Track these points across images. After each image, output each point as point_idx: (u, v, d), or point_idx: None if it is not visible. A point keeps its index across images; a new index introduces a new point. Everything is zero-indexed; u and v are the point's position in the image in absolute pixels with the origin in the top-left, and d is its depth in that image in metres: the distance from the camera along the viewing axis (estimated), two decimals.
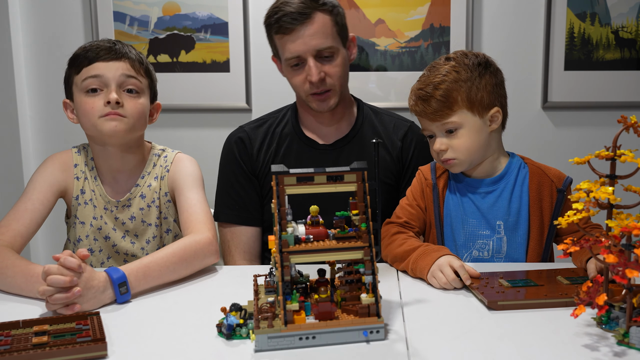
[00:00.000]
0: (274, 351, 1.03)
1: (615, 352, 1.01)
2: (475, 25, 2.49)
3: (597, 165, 1.16)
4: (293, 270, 1.15)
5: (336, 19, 1.67)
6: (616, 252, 1.03)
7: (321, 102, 1.69)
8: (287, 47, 1.64)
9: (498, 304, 1.20)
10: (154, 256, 1.37)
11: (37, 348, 1.01)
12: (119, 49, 1.54)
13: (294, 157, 1.76)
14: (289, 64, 1.68)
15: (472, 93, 1.48)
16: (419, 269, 1.39)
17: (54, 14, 2.53)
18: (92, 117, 1.51)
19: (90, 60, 1.52)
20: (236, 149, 1.79)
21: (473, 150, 1.50)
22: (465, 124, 1.48)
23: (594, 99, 2.49)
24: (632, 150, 1.11)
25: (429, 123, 1.51)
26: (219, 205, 1.81)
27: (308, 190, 1.09)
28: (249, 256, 1.78)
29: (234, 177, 1.79)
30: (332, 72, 1.66)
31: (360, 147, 1.77)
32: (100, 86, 1.51)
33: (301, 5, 1.61)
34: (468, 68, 1.49)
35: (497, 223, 1.53)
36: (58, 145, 2.58)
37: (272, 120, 1.84)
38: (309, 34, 1.61)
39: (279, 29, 1.64)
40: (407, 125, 1.84)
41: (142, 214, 1.62)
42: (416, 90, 1.51)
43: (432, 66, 1.53)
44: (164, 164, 1.65)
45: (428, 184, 1.59)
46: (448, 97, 1.46)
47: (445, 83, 1.47)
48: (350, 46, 1.76)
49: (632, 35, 2.46)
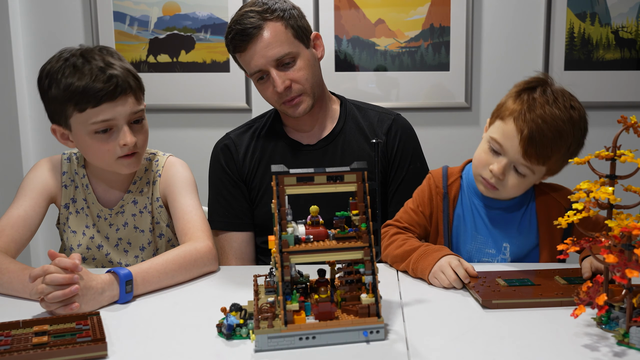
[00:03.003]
0: (274, 351, 1.03)
1: (615, 352, 1.01)
2: (475, 25, 2.49)
3: (597, 165, 1.16)
4: (293, 270, 1.15)
5: (290, 23, 1.64)
6: (616, 252, 1.03)
7: (294, 107, 1.68)
8: (247, 63, 1.66)
9: (492, 302, 1.21)
10: (153, 262, 1.37)
11: (37, 348, 1.01)
12: (120, 84, 1.43)
13: (278, 159, 1.75)
14: (254, 79, 1.69)
15: (563, 160, 1.41)
16: (420, 269, 1.38)
17: (54, 14, 2.53)
18: (108, 159, 1.48)
19: (96, 102, 1.41)
20: (222, 157, 1.79)
21: (515, 194, 1.46)
22: (535, 175, 1.42)
23: (594, 99, 2.49)
24: (632, 150, 1.11)
25: (517, 151, 1.37)
26: (211, 213, 1.81)
27: (308, 190, 1.09)
28: (241, 261, 1.79)
29: (222, 185, 1.79)
30: (297, 76, 1.65)
31: (344, 145, 1.76)
32: (110, 126, 1.45)
33: (250, 21, 1.60)
34: (581, 139, 1.41)
35: (504, 245, 1.51)
36: (58, 145, 2.57)
37: (257, 124, 1.83)
38: (262, 47, 1.61)
39: (235, 48, 1.66)
40: (392, 118, 1.80)
41: (134, 221, 1.61)
42: (535, 115, 1.35)
43: (555, 95, 1.39)
44: (155, 168, 1.63)
45: (439, 192, 1.54)
46: (554, 149, 1.36)
47: (562, 137, 1.36)
48: (316, 44, 1.74)
49: (632, 35, 2.46)
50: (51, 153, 2.55)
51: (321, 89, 1.76)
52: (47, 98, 1.47)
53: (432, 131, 2.55)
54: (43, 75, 1.46)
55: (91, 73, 1.41)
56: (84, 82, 1.40)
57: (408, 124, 1.83)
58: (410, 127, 1.83)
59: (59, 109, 1.45)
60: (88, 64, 1.42)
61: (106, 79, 1.41)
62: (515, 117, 1.37)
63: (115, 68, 1.44)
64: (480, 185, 1.47)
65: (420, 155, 1.83)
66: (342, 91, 1.82)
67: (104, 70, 1.42)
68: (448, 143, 2.54)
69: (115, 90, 1.42)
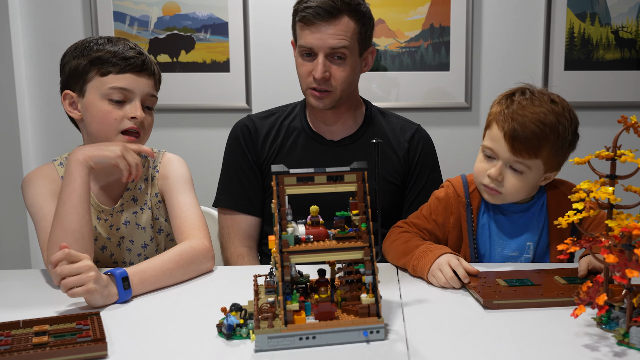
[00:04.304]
0: (274, 351, 1.03)
1: (615, 352, 1.01)
2: (475, 25, 2.49)
3: (597, 165, 1.16)
4: (293, 270, 1.15)
5: (362, 29, 1.67)
6: (616, 252, 1.03)
7: (317, 99, 1.69)
8: (304, 37, 1.66)
9: (493, 302, 1.21)
10: (151, 262, 1.37)
11: (37, 348, 1.01)
12: (148, 63, 1.51)
13: (299, 150, 1.77)
14: (301, 52, 1.69)
15: (557, 152, 1.43)
16: (420, 267, 1.39)
17: (54, 14, 2.53)
18: (111, 129, 1.48)
19: (121, 68, 1.47)
20: (241, 136, 1.80)
21: (520, 195, 1.48)
22: (532, 171, 1.43)
23: (594, 99, 2.50)
24: (632, 150, 1.11)
25: (506, 149, 1.41)
26: (221, 192, 1.81)
27: (308, 190, 1.09)
28: (247, 242, 1.78)
29: (238, 164, 1.79)
30: (337, 74, 1.67)
31: (365, 146, 1.78)
32: (125, 98, 1.48)
33: (330, 4, 1.61)
34: (568, 126, 1.42)
35: (527, 244, 1.52)
36: (58, 146, 2.59)
37: (280, 112, 1.84)
38: (328, 33, 1.63)
39: (302, 17, 1.65)
40: (414, 128, 1.84)
41: (135, 218, 1.61)
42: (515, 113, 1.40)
43: (533, 94, 1.44)
44: (152, 164, 1.64)
45: (461, 202, 1.53)
46: (541, 141, 1.39)
47: (545, 126, 1.38)
48: (367, 57, 1.76)
49: (632, 35, 2.46)
50: (51, 153, 2.56)
51: (352, 94, 1.78)
52: (69, 66, 1.51)
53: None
54: (72, 48, 1.52)
55: (124, 45, 1.51)
56: (117, 48, 1.49)
57: (428, 135, 1.87)
58: (430, 138, 1.87)
59: (80, 72, 1.49)
60: (122, 41, 1.53)
61: (137, 53, 1.51)
62: (497, 119, 1.43)
63: (145, 53, 1.55)
64: (484, 193, 1.50)
65: (438, 167, 1.87)
66: None
67: (136, 47, 1.53)
68: (448, 143, 2.54)
69: (143, 65, 1.50)
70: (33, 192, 1.51)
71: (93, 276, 1.22)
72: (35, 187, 1.52)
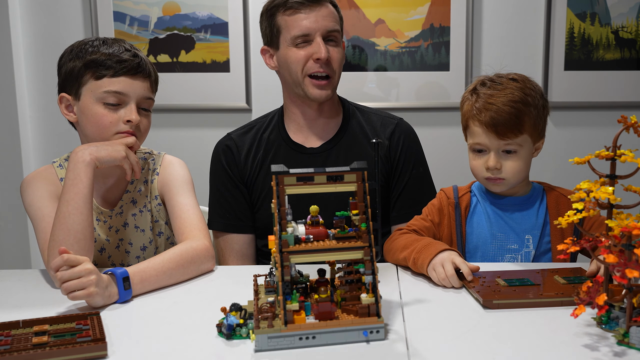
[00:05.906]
0: (274, 351, 1.03)
1: (615, 352, 1.01)
2: (475, 25, 2.49)
3: (597, 165, 1.16)
4: (293, 270, 1.15)
5: (339, 14, 1.73)
6: (616, 252, 1.03)
7: (319, 88, 1.67)
8: (299, 23, 1.65)
9: (493, 302, 1.21)
10: (151, 261, 1.37)
11: (37, 348, 1.01)
12: (143, 65, 1.50)
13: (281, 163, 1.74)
14: (293, 42, 1.67)
15: (537, 120, 1.49)
16: (421, 260, 1.39)
17: (54, 14, 2.53)
18: (107, 132, 1.48)
19: (115, 71, 1.46)
20: (223, 158, 1.78)
21: (521, 175, 1.51)
22: (523, 148, 1.49)
23: (594, 99, 2.50)
24: (632, 150, 1.11)
25: (493, 138, 1.47)
26: (212, 214, 1.81)
27: (308, 190, 1.09)
28: (242, 261, 1.78)
29: (223, 186, 1.78)
30: (335, 56, 1.68)
31: (347, 149, 1.75)
32: (120, 101, 1.48)
33: None
34: (536, 95, 1.49)
35: (526, 237, 1.54)
36: (58, 146, 2.59)
37: (259, 125, 1.82)
38: (322, 15, 1.66)
39: (289, 7, 1.66)
40: (394, 123, 1.79)
41: (135, 220, 1.60)
42: (486, 103, 1.47)
43: (494, 82, 1.50)
44: (151, 167, 1.63)
45: (450, 203, 1.58)
46: (520, 117, 1.45)
47: (518, 103, 1.45)
48: (343, 44, 1.79)
49: (632, 35, 2.46)
50: (51, 153, 2.56)
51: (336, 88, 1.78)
52: (65, 68, 1.50)
53: (432, 131, 2.55)
54: (68, 50, 1.52)
55: (119, 47, 1.50)
56: (111, 50, 1.48)
57: (411, 128, 1.83)
58: (413, 131, 1.83)
59: (76, 75, 1.48)
60: (117, 43, 1.51)
61: (132, 55, 1.50)
62: (471, 116, 1.50)
63: (141, 54, 1.53)
64: (489, 186, 1.54)
65: (423, 160, 1.83)
66: (342, 91, 1.81)
67: (131, 50, 1.51)
68: (448, 143, 2.54)
69: (137, 68, 1.49)
70: (32, 194, 1.51)
71: (94, 280, 1.22)
72: (34, 189, 1.52)
